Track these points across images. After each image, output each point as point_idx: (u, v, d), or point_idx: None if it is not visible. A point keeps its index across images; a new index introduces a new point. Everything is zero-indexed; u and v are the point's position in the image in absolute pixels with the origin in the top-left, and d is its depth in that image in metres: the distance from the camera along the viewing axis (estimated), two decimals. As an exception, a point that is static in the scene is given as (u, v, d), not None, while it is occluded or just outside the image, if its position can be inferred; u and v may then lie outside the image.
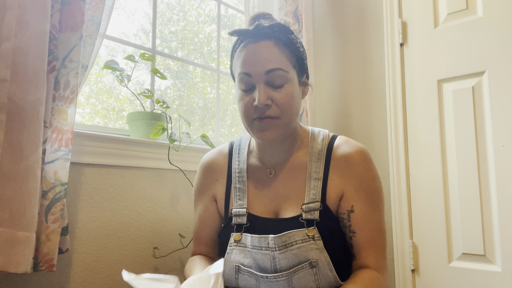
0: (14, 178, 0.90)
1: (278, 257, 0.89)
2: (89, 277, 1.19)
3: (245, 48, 0.93)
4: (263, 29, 0.92)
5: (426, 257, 1.63)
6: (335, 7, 2.06)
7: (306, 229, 0.90)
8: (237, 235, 0.95)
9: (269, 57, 0.90)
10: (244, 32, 0.94)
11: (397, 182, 1.73)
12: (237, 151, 1.08)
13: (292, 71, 0.94)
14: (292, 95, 0.92)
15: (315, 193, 0.94)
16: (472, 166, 1.54)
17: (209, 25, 1.96)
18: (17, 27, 0.92)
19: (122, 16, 1.60)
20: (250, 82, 0.92)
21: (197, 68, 1.88)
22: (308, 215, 0.92)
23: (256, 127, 0.93)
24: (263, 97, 0.89)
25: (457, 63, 1.62)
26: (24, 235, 0.91)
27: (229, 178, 1.05)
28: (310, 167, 0.97)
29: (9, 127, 0.91)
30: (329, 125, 2.01)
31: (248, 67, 0.91)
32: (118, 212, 1.27)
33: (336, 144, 0.99)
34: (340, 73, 2.01)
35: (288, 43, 0.94)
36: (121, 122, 1.60)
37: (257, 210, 0.98)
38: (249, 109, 0.92)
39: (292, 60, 0.94)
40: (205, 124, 1.89)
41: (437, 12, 1.71)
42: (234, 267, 0.94)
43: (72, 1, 1.04)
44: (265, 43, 0.91)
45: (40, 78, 0.95)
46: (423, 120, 1.69)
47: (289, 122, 0.94)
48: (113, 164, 1.27)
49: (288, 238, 0.89)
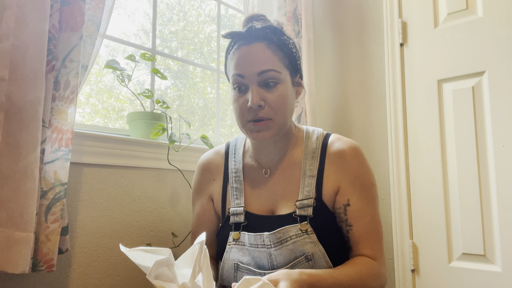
0: (12, 178, 0.90)
1: (274, 253, 0.92)
2: (89, 277, 1.19)
3: (238, 50, 0.95)
4: (256, 31, 0.94)
5: (426, 257, 1.63)
6: (335, 7, 2.06)
7: (299, 224, 0.92)
8: (236, 233, 0.98)
9: (262, 58, 0.92)
10: (237, 35, 0.96)
11: (397, 182, 1.73)
12: (233, 152, 1.11)
13: (285, 72, 0.96)
14: (285, 95, 0.95)
15: (309, 190, 0.97)
16: (472, 166, 1.54)
17: (209, 25, 1.96)
18: (15, 26, 0.92)
19: (123, 15, 1.60)
20: (243, 84, 0.94)
21: (197, 68, 1.88)
22: (301, 212, 0.95)
23: (250, 128, 0.95)
24: (256, 98, 0.91)
25: (457, 63, 1.62)
26: (22, 235, 0.90)
27: (225, 178, 1.08)
28: (305, 165, 1.00)
29: (7, 127, 0.90)
30: (329, 125, 2.02)
31: (241, 69, 0.93)
32: (118, 212, 1.27)
33: (330, 141, 1.02)
34: (340, 73, 2.01)
35: (280, 45, 0.96)
36: (121, 122, 1.60)
37: (253, 209, 1.01)
38: (243, 111, 0.95)
39: (285, 61, 0.96)
40: (205, 124, 1.89)
41: (437, 12, 1.71)
42: (233, 265, 0.97)
43: (72, 1, 1.04)
44: (257, 45, 0.94)
45: (38, 77, 0.94)
46: (423, 120, 1.69)
47: (283, 123, 0.96)
48: (113, 164, 1.27)
49: (283, 234, 0.92)
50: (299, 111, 1.76)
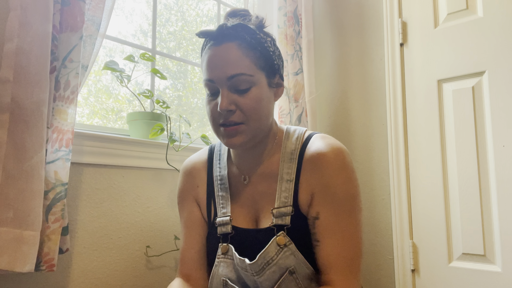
0: (18, 178, 0.91)
1: (259, 280, 0.87)
2: (89, 277, 1.19)
3: (208, 51, 0.89)
4: (226, 30, 0.87)
5: (426, 257, 1.63)
6: (335, 7, 2.06)
7: (276, 238, 0.86)
8: (224, 246, 0.92)
9: (232, 61, 0.86)
10: (208, 34, 0.90)
11: (397, 182, 1.73)
12: (218, 157, 1.04)
13: (258, 74, 0.88)
14: (259, 99, 0.88)
15: (286, 196, 0.90)
16: (472, 166, 1.54)
17: (207, 24, 1.96)
18: (19, 28, 0.92)
19: (121, 16, 1.59)
20: (214, 87, 0.89)
21: (196, 68, 1.88)
22: (278, 221, 0.88)
23: (222, 134, 0.89)
24: (225, 102, 0.85)
25: (457, 63, 1.62)
26: (30, 235, 0.91)
27: (210, 185, 1.02)
28: (282, 168, 0.92)
29: (12, 128, 0.91)
30: (329, 125, 2.02)
31: (210, 73, 0.88)
32: (118, 212, 1.27)
33: (310, 142, 0.92)
34: (340, 73, 2.01)
35: (253, 44, 0.88)
36: (120, 122, 1.60)
37: (237, 220, 0.95)
38: (214, 114, 0.89)
39: (259, 61, 0.89)
40: (205, 124, 1.89)
41: (437, 12, 1.71)
42: (222, 281, 0.92)
43: (72, 2, 1.04)
44: (227, 46, 0.87)
45: (43, 78, 0.95)
46: (423, 120, 1.70)
47: (257, 127, 0.89)
48: (113, 164, 1.26)
49: (263, 258, 0.86)
50: (299, 112, 1.76)
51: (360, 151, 1.89)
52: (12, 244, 0.90)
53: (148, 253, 1.33)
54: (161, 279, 1.36)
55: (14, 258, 0.90)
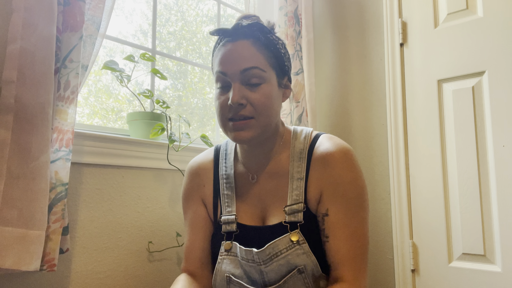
0: (23, 179, 0.91)
1: (265, 270, 0.87)
2: (89, 277, 1.19)
3: (223, 47, 0.92)
4: (242, 28, 0.91)
5: (426, 257, 1.63)
6: (335, 7, 2.06)
7: (289, 234, 0.87)
8: (227, 243, 0.93)
9: (246, 56, 0.89)
10: (223, 31, 0.93)
11: (397, 182, 1.73)
12: (224, 156, 1.05)
13: (270, 71, 0.91)
14: (269, 95, 0.90)
15: (298, 193, 0.92)
16: (472, 166, 1.54)
17: (207, 24, 1.96)
18: (23, 29, 0.92)
19: (121, 16, 1.59)
20: (226, 81, 0.91)
21: (196, 68, 1.87)
22: (291, 218, 0.90)
23: (230, 127, 0.90)
24: (237, 96, 0.87)
25: (457, 63, 1.62)
26: (36, 234, 0.92)
27: (216, 184, 1.03)
28: (292, 167, 0.94)
29: (17, 128, 0.91)
30: (329, 125, 2.02)
31: (224, 66, 0.90)
32: (118, 212, 1.27)
33: (318, 142, 0.95)
34: (340, 73, 2.01)
35: (267, 43, 0.92)
36: (120, 122, 1.60)
37: (244, 218, 0.96)
38: (224, 108, 0.90)
39: (271, 60, 0.92)
40: (205, 124, 1.89)
41: (437, 12, 1.71)
42: (225, 277, 0.92)
43: (72, 1, 1.04)
44: (242, 42, 0.90)
45: (48, 80, 0.95)
46: (423, 120, 1.70)
47: (267, 123, 0.91)
48: (113, 164, 1.26)
49: (272, 249, 0.87)
50: (300, 111, 1.76)
51: (360, 151, 1.89)
52: (17, 244, 0.90)
53: (150, 249, 1.33)
54: (162, 279, 1.36)
55: (19, 257, 0.90)
